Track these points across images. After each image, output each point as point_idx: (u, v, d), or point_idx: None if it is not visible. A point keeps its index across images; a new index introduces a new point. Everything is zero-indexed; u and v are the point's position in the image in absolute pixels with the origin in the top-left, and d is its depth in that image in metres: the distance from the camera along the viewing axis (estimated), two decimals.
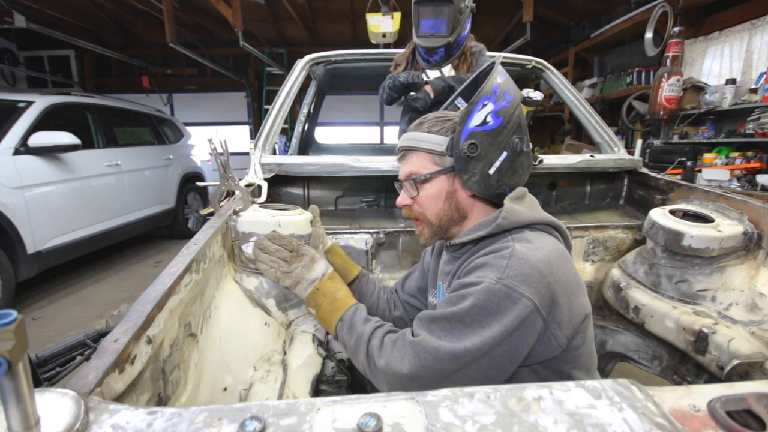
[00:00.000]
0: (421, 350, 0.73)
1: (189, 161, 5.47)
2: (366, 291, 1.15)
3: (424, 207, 0.90)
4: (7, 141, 3.01)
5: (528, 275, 0.72)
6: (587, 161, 1.71)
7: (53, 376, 0.66)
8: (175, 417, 0.40)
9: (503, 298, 0.71)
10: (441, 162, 0.87)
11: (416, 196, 0.90)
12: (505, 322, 0.70)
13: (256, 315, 1.04)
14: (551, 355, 0.75)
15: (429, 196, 0.89)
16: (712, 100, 3.80)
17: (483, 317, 0.71)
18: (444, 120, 0.88)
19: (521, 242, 0.78)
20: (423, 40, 1.83)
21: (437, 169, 0.87)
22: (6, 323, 0.31)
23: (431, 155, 0.88)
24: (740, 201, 1.30)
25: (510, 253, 0.74)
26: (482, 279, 0.73)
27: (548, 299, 0.73)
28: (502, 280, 0.71)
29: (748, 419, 0.38)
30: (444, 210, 0.89)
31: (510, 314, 0.70)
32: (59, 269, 3.67)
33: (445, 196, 0.88)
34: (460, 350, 0.70)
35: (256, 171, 1.54)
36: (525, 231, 0.82)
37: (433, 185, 0.88)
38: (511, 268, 0.72)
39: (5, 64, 6.97)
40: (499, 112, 0.82)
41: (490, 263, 0.75)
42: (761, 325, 1.08)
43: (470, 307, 0.72)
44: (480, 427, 0.38)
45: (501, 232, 0.82)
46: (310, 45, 7.74)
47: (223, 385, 0.87)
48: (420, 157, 0.89)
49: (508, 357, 0.72)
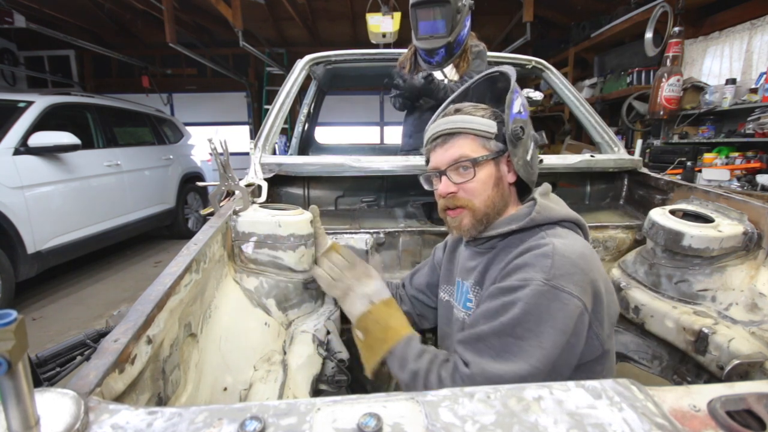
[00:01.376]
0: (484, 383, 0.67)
1: (189, 161, 5.48)
2: None
3: (474, 193, 0.85)
4: (7, 141, 3.01)
5: (573, 273, 0.69)
6: (587, 161, 1.71)
7: (53, 376, 0.66)
8: (176, 417, 0.40)
9: (553, 300, 0.67)
10: (489, 146, 0.85)
11: (463, 182, 0.84)
12: (560, 327, 0.66)
13: (256, 315, 1.04)
14: (593, 356, 0.72)
15: (480, 180, 0.84)
16: (712, 100, 3.80)
17: (535, 325, 0.66)
18: (482, 108, 0.88)
19: (557, 238, 0.75)
20: (422, 42, 1.82)
21: (487, 153, 0.84)
22: (6, 323, 0.31)
23: (480, 139, 0.85)
24: (740, 201, 1.30)
25: (552, 250, 0.71)
26: (527, 281, 0.69)
27: (591, 297, 0.70)
28: (549, 281, 0.68)
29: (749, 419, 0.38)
30: (492, 197, 0.85)
31: (564, 317, 0.66)
32: (59, 269, 3.67)
33: (494, 181, 0.85)
34: (527, 372, 0.64)
35: (256, 171, 1.54)
36: (556, 227, 0.80)
37: (484, 170, 0.84)
38: (557, 267, 0.69)
39: (5, 64, 6.97)
40: (525, 105, 0.87)
41: (532, 263, 0.71)
42: (761, 325, 1.08)
43: (521, 316, 0.67)
44: (480, 427, 0.38)
45: (532, 227, 0.80)
46: (310, 45, 7.74)
47: (223, 385, 0.86)
48: (469, 140, 0.85)
49: (566, 363, 0.68)
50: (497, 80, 0.97)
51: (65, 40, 5.92)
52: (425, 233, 1.55)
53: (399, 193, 1.90)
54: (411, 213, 1.76)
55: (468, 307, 0.89)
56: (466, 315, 0.89)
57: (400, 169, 1.58)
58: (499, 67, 0.94)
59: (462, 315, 0.91)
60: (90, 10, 6.49)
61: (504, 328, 0.67)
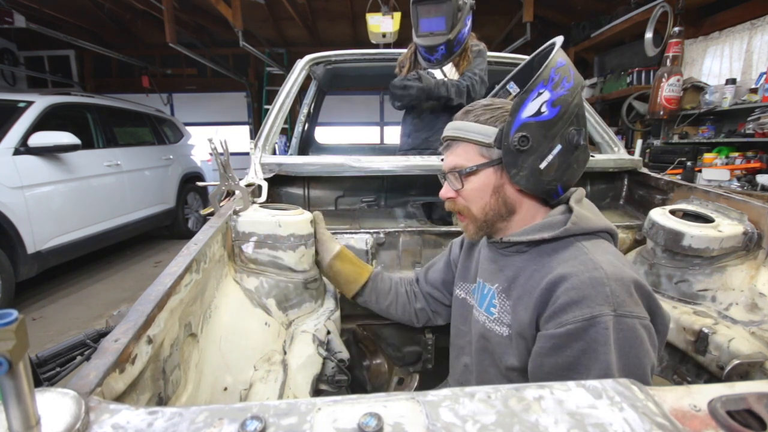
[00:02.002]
0: None
1: (189, 161, 5.47)
2: (381, 290, 1.14)
3: (469, 201, 0.84)
4: (7, 141, 3.01)
5: (631, 293, 0.66)
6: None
7: (53, 376, 0.66)
8: (176, 417, 0.40)
9: (630, 329, 0.64)
10: (488, 154, 0.81)
11: (460, 189, 0.84)
12: (648, 350, 0.65)
13: (256, 315, 1.04)
14: (657, 371, 0.72)
15: (474, 189, 0.83)
16: (712, 100, 3.81)
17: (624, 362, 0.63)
18: (494, 108, 0.82)
19: (598, 255, 0.72)
20: (423, 39, 1.82)
21: (483, 161, 0.81)
22: (6, 323, 0.31)
23: (478, 146, 0.82)
24: (740, 201, 1.30)
25: (604, 276, 0.67)
26: (595, 320, 0.64)
27: (648, 310, 0.69)
28: (617, 311, 0.64)
29: (749, 419, 0.38)
30: (490, 204, 0.83)
31: (645, 342, 0.65)
32: (59, 269, 3.67)
33: (491, 189, 0.82)
34: None
35: (256, 171, 1.54)
36: (592, 238, 0.77)
37: (479, 178, 0.82)
38: (617, 295, 0.65)
39: (5, 64, 6.97)
40: (555, 102, 0.74)
41: (588, 295, 0.66)
42: (761, 325, 1.08)
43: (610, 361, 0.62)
44: (481, 426, 0.38)
45: (566, 236, 0.77)
46: (310, 45, 7.74)
47: (223, 385, 0.86)
48: (466, 148, 0.83)
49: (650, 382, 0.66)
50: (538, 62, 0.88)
51: (65, 40, 5.92)
52: (425, 233, 1.55)
53: (399, 193, 1.90)
54: (411, 213, 1.76)
55: (491, 312, 0.86)
56: (487, 319, 0.87)
57: (400, 169, 1.58)
58: (547, 44, 0.86)
59: (483, 318, 0.89)
60: (90, 10, 6.49)
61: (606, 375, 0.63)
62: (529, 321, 0.76)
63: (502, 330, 0.82)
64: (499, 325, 0.83)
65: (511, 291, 0.82)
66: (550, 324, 0.70)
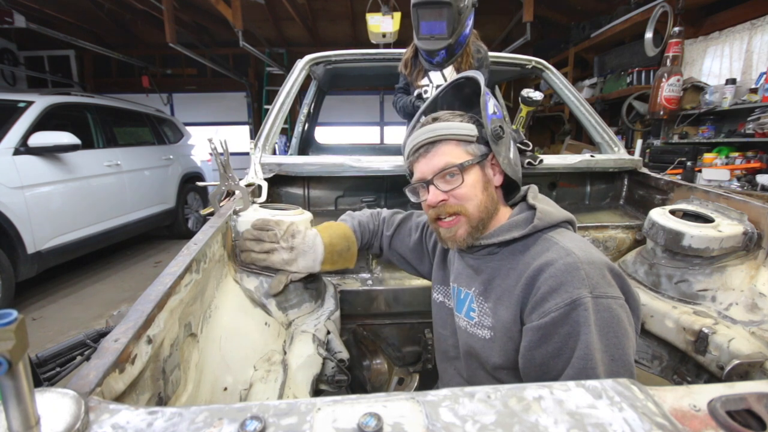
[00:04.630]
0: None
1: (189, 161, 5.47)
2: (372, 238, 1.17)
3: (465, 199, 0.83)
4: (7, 141, 3.01)
5: (604, 275, 0.69)
6: (587, 161, 1.71)
7: (53, 376, 0.66)
8: (176, 417, 0.40)
9: (607, 309, 0.67)
10: (472, 150, 0.84)
11: (451, 189, 0.83)
12: (625, 332, 0.67)
13: (256, 315, 1.04)
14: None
15: (469, 185, 0.82)
16: (712, 100, 3.81)
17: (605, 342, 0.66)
18: (459, 114, 0.88)
19: (567, 242, 0.75)
20: (423, 43, 1.82)
21: (471, 157, 0.83)
22: (6, 323, 0.31)
23: (462, 144, 0.83)
24: (740, 201, 1.30)
25: (577, 260, 0.70)
26: (575, 303, 0.67)
27: (622, 290, 0.72)
28: (593, 292, 0.67)
29: (749, 419, 0.38)
30: (484, 201, 0.84)
31: (623, 322, 0.67)
32: (59, 269, 3.67)
33: (482, 185, 0.84)
34: None
35: (256, 171, 1.54)
36: (559, 229, 0.81)
37: (471, 175, 0.83)
38: (591, 277, 0.68)
39: (5, 64, 6.98)
40: (498, 105, 0.87)
41: (566, 280, 0.69)
42: (761, 325, 1.07)
43: (590, 341, 0.65)
44: (480, 426, 0.38)
45: (534, 233, 0.80)
46: (310, 45, 7.74)
47: (223, 385, 0.86)
48: (451, 146, 0.84)
49: None
50: (464, 86, 0.96)
51: (65, 40, 5.93)
52: None
53: (399, 193, 1.90)
54: None
55: (471, 317, 0.88)
56: (468, 324, 0.89)
57: (401, 169, 1.58)
58: (465, 73, 0.94)
59: (464, 324, 0.90)
60: (90, 10, 6.49)
61: (583, 368, 0.65)
62: (512, 318, 0.78)
63: (484, 333, 0.84)
64: (481, 329, 0.85)
65: (489, 293, 0.84)
66: (534, 315, 0.73)
